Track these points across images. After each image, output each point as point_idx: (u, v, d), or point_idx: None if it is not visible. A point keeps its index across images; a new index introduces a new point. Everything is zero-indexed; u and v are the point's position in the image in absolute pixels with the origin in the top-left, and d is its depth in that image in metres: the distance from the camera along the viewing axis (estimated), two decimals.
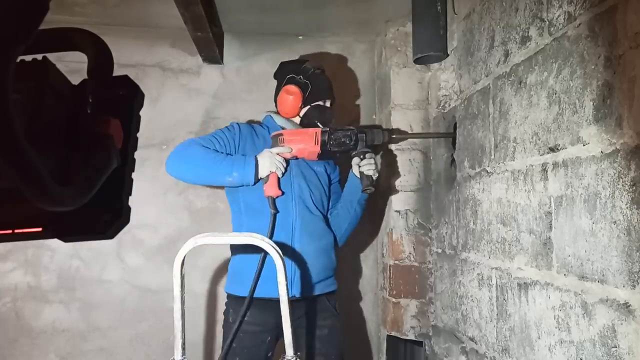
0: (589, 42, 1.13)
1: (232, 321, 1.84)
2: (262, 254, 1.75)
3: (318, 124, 1.93)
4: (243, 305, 1.79)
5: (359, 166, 1.89)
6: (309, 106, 1.96)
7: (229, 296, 1.92)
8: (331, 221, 2.03)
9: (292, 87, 1.94)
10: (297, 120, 1.99)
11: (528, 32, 1.41)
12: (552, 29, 1.29)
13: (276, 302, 1.78)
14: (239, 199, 1.92)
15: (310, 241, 1.88)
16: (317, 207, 1.94)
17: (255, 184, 1.82)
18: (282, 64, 2.08)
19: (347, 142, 1.87)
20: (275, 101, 2.03)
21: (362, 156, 1.89)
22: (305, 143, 1.86)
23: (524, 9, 1.44)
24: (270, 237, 1.78)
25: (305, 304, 1.88)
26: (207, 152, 1.80)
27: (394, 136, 2.04)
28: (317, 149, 1.86)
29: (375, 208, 2.67)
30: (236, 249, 1.93)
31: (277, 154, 1.83)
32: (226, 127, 1.94)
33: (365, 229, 2.68)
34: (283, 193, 1.85)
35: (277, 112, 2.02)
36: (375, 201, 2.66)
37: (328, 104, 2.02)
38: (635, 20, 0.99)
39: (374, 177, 1.89)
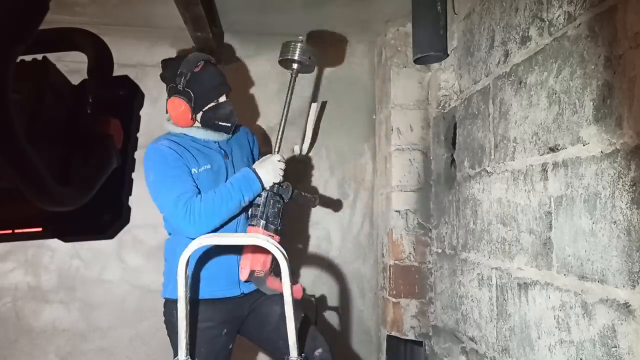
0: (589, 42, 1.13)
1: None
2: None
3: (220, 123, 1.85)
4: (191, 308, 1.74)
5: (296, 198, 1.87)
6: (201, 112, 1.83)
7: (172, 302, 1.78)
8: None
9: (176, 100, 1.79)
10: (198, 125, 1.87)
11: (528, 32, 1.41)
12: (552, 29, 1.29)
13: (222, 301, 1.80)
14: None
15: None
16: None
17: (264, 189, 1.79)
18: (163, 63, 1.92)
19: (279, 205, 1.80)
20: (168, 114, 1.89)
21: (291, 197, 1.84)
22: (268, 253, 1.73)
23: (524, 9, 1.44)
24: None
25: (252, 298, 1.87)
26: (211, 200, 1.71)
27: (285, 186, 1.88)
28: (277, 237, 1.77)
29: (375, 208, 2.67)
30: (174, 253, 1.80)
31: (279, 167, 1.78)
32: (162, 159, 1.78)
33: (365, 229, 2.68)
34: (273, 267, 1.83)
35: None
36: (375, 201, 2.66)
37: (223, 99, 1.88)
38: (635, 20, 0.99)
39: (311, 197, 1.90)
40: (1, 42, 0.38)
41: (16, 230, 0.49)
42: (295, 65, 1.88)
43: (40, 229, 0.50)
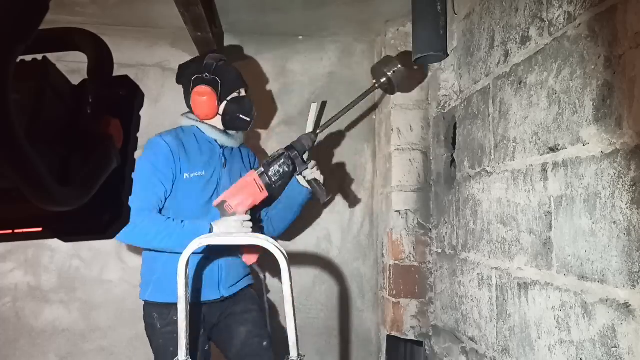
0: (589, 42, 1.13)
1: (161, 326, 1.82)
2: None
3: (241, 116, 1.87)
4: (171, 310, 1.75)
5: (305, 177, 1.89)
6: (225, 102, 1.88)
7: (152, 304, 1.86)
8: (270, 221, 2.05)
9: (202, 88, 1.83)
10: (218, 119, 1.90)
11: (528, 32, 1.41)
12: (552, 29, 1.29)
13: (206, 304, 1.84)
14: (168, 210, 1.83)
15: (233, 248, 1.85)
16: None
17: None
18: (181, 66, 1.98)
19: (287, 169, 1.79)
20: (189, 106, 1.92)
21: (301, 173, 1.87)
22: (251, 195, 1.76)
23: (524, 9, 1.44)
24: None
25: (232, 300, 1.91)
26: (150, 228, 1.70)
27: (319, 131, 1.95)
28: (266, 193, 1.79)
29: (375, 208, 2.67)
30: (154, 255, 1.83)
31: (234, 223, 1.74)
32: (153, 158, 1.78)
33: (365, 229, 2.68)
34: (260, 255, 1.86)
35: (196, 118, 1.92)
36: (375, 201, 2.66)
37: (243, 92, 1.94)
38: (635, 20, 0.99)
39: (322, 180, 1.91)
40: (1, 42, 0.38)
41: (16, 230, 0.49)
42: (383, 79, 1.93)
43: (40, 229, 0.50)
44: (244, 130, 1.95)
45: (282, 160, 1.78)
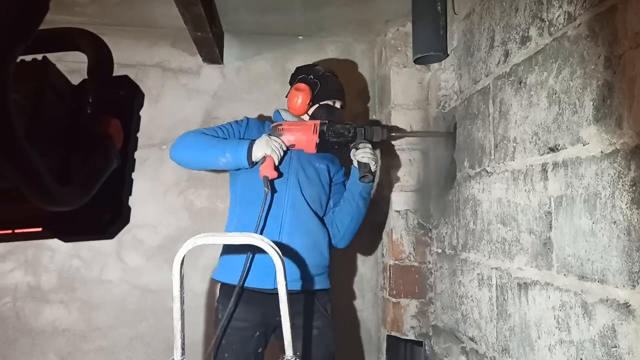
0: (589, 42, 1.13)
1: (221, 317, 1.83)
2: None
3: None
4: (231, 299, 1.79)
5: (356, 156, 1.89)
6: (317, 105, 2.00)
7: (220, 285, 1.93)
8: (333, 218, 2.00)
9: (301, 85, 1.99)
10: (306, 118, 2.01)
11: (528, 32, 1.41)
12: (552, 29, 1.29)
13: (263, 294, 1.81)
14: (237, 190, 1.96)
15: (300, 235, 1.86)
16: (310, 204, 1.92)
17: (250, 166, 1.83)
18: (297, 68, 2.13)
19: (346, 133, 1.88)
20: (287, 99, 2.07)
21: (358, 146, 1.89)
22: (304, 132, 1.87)
23: (524, 9, 1.44)
24: (263, 221, 1.82)
25: (291, 300, 1.86)
26: (205, 136, 1.86)
27: (393, 134, 2.03)
28: (316, 138, 1.86)
29: (375, 208, 2.67)
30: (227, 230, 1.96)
31: (275, 139, 1.84)
32: (235, 120, 2.01)
33: (365, 229, 2.68)
34: (280, 175, 1.86)
35: (287, 110, 2.06)
36: (375, 201, 2.66)
37: (338, 105, 2.04)
38: (635, 20, 0.99)
39: (372, 166, 1.87)
40: (1, 42, 0.38)
41: (16, 230, 0.49)
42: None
43: (40, 229, 0.50)
44: None
45: (347, 126, 1.90)
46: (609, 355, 1.04)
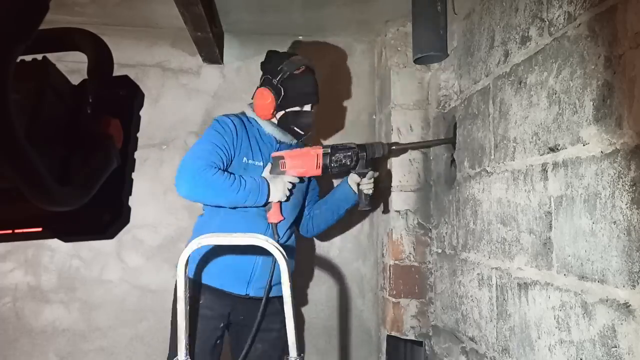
0: (589, 42, 1.13)
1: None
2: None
3: (295, 128, 1.91)
4: (197, 289, 1.81)
5: (359, 184, 1.94)
6: (283, 111, 1.90)
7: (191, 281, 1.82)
8: (310, 218, 2.08)
9: (265, 92, 1.88)
10: (274, 121, 1.94)
11: (528, 32, 1.41)
12: (552, 29, 1.29)
13: (234, 297, 1.84)
14: None
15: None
16: (291, 223, 1.96)
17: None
18: (268, 54, 2.00)
19: (348, 162, 1.87)
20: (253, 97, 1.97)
21: (362, 175, 1.91)
22: (307, 167, 1.84)
23: (524, 9, 1.44)
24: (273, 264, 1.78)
25: (257, 305, 1.85)
26: (221, 179, 1.74)
27: (394, 148, 2.02)
28: (319, 172, 1.86)
29: (375, 208, 2.67)
30: (203, 231, 1.85)
31: (289, 183, 1.83)
32: (220, 128, 1.84)
33: (365, 229, 2.68)
34: (284, 218, 1.88)
35: None
36: (376, 201, 2.66)
37: (307, 107, 1.94)
38: (635, 20, 0.99)
39: (370, 193, 1.94)
40: (1, 42, 0.38)
41: (16, 230, 0.49)
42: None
43: (40, 229, 0.50)
44: (296, 139, 1.96)
45: (349, 153, 1.86)
46: (609, 355, 1.04)
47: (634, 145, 0.98)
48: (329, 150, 1.85)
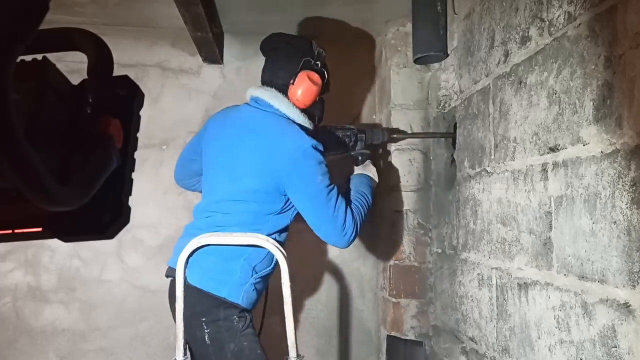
0: (589, 42, 1.13)
1: (242, 328, 1.62)
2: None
3: (317, 117, 1.82)
4: (247, 313, 1.65)
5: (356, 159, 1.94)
6: (317, 99, 1.78)
7: (235, 306, 1.61)
8: None
9: (316, 76, 1.72)
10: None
11: (528, 32, 1.41)
12: (552, 29, 1.29)
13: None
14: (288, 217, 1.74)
15: None
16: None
17: None
18: (282, 37, 1.84)
19: (347, 141, 1.87)
20: (287, 84, 1.74)
21: (360, 156, 1.91)
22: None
23: (524, 9, 1.44)
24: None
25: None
26: (361, 210, 1.73)
27: (394, 135, 2.03)
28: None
29: (375, 208, 2.67)
30: (254, 257, 1.66)
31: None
32: (325, 160, 1.66)
33: (365, 228, 2.68)
34: None
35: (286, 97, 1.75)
36: (376, 201, 2.66)
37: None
38: (635, 20, 0.99)
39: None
40: (1, 42, 0.38)
41: (16, 230, 0.49)
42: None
43: (40, 229, 0.50)
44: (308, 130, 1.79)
45: (347, 133, 1.86)
46: (609, 356, 1.04)
47: (634, 145, 0.98)
48: (328, 128, 1.84)
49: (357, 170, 1.96)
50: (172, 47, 2.61)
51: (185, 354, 1.52)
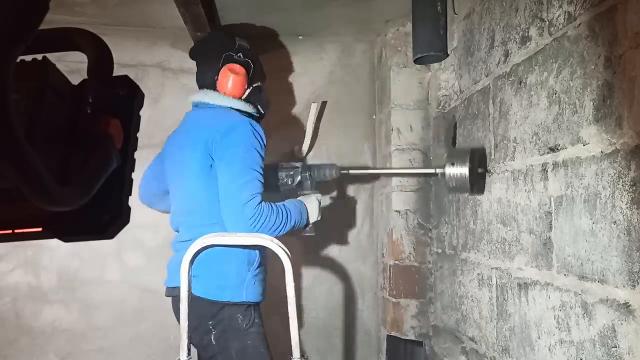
0: (589, 42, 1.13)
1: (247, 327, 1.68)
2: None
3: (259, 107, 1.86)
4: (253, 310, 1.71)
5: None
6: (251, 87, 1.84)
7: (237, 305, 1.67)
8: None
9: (237, 67, 1.79)
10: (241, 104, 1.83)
11: (528, 32, 1.41)
12: (552, 29, 1.29)
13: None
14: None
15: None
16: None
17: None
18: (206, 39, 1.93)
19: (289, 182, 1.81)
20: (214, 81, 1.81)
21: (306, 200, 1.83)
22: None
23: (524, 9, 1.44)
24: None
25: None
26: (283, 219, 1.66)
27: (348, 172, 1.93)
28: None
29: (375, 208, 2.67)
30: (245, 257, 1.71)
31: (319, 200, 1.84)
32: (260, 142, 1.68)
33: (365, 229, 2.68)
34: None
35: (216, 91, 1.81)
36: (375, 201, 2.66)
37: (264, 85, 1.93)
38: (635, 20, 0.98)
39: (316, 221, 1.87)
40: (1, 42, 0.38)
41: (16, 230, 0.49)
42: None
43: (40, 229, 0.50)
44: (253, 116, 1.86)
45: (291, 173, 1.81)
46: (609, 356, 1.04)
47: (634, 145, 0.98)
48: (273, 166, 1.80)
49: (299, 197, 1.87)
50: (172, 47, 2.61)
51: (189, 354, 1.52)
